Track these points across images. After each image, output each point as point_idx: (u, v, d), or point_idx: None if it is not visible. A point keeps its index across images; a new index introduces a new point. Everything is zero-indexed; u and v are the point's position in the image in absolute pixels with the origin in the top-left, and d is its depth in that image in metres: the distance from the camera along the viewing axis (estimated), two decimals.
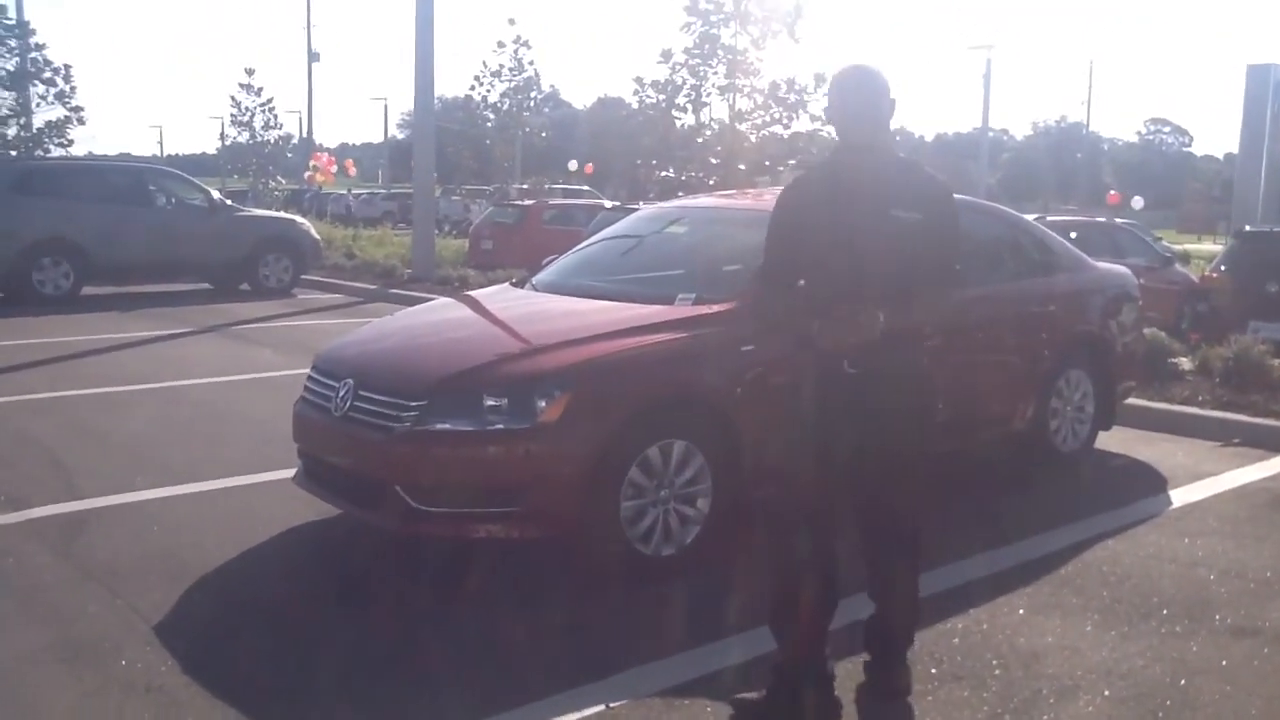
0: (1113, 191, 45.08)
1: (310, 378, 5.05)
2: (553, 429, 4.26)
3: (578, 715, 3.38)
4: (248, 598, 4.37)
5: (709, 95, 14.96)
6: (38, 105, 25.33)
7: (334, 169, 40.15)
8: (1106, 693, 3.58)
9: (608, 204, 21.97)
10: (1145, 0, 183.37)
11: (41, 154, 24.27)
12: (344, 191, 43.11)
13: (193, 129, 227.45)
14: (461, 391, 4.37)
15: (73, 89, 25.40)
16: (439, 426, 4.32)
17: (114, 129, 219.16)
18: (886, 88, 3.39)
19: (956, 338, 5.43)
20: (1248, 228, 12.78)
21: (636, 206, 11.28)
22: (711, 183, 14.18)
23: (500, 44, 26.38)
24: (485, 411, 4.30)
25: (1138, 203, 39.12)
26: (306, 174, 38.84)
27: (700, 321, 4.79)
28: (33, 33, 25.87)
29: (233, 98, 33.07)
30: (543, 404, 4.27)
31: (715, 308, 4.86)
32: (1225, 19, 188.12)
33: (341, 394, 4.65)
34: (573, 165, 46.55)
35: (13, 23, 25.73)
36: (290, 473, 5.22)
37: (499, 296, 5.85)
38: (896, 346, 3.32)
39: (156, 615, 4.08)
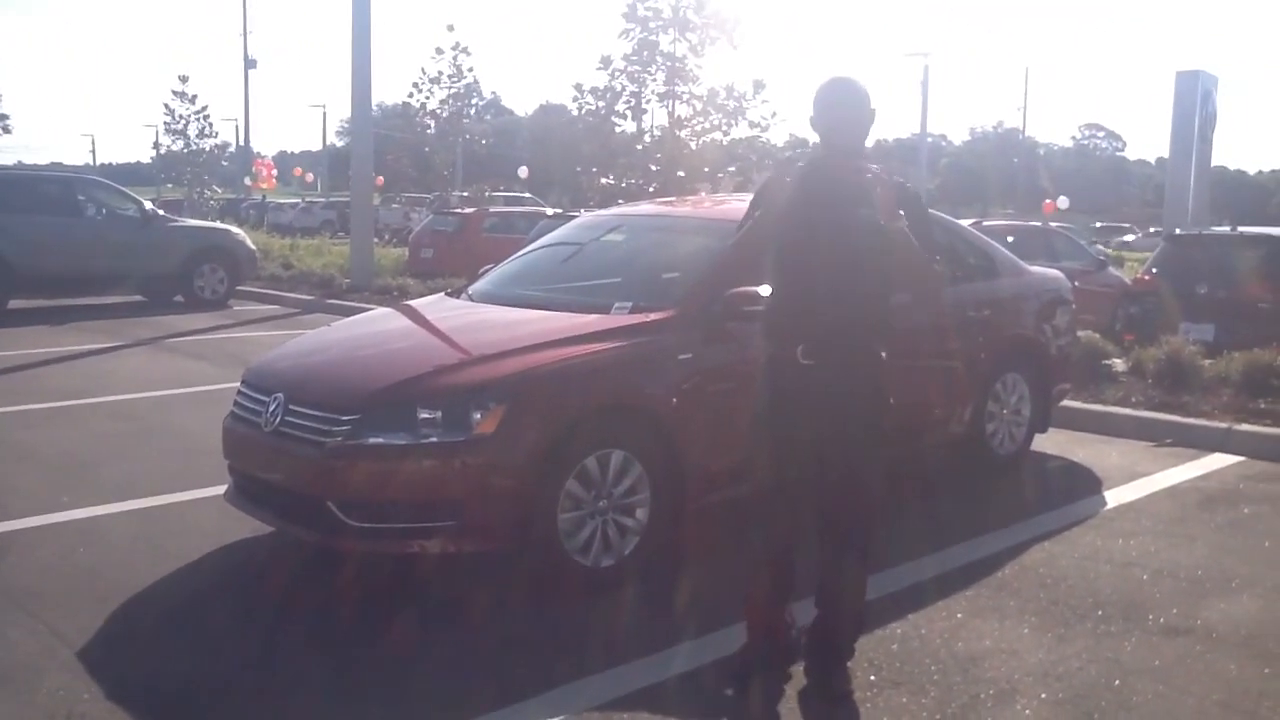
0: (1048, 201, 45.90)
1: (240, 392, 4.95)
2: (488, 441, 4.20)
3: None
4: (177, 619, 4.26)
5: (649, 102, 14.97)
6: None
7: (274, 174, 39.73)
8: (1043, 695, 3.60)
9: (549, 211, 21.91)
10: (1079, 8, 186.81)
11: None
12: (283, 200, 42.56)
13: (126, 137, 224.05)
14: (394, 405, 4.30)
15: None
16: (372, 441, 4.24)
17: (45, 138, 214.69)
18: (868, 98, 3.60)
19: (897, 342, 5.43)
20: (1178, 230, 13.02)
21: (577, 214, 11.25)
22: (652, 190, 14.17)
23: (439, 50, 26.19)
24: (419, 425, 4.24)
25: (1064, 202, 39.91)
26: (247, 180, 38.35)
27: (637, 330, 4.76)
28: None
29: (166, 105, 32.39)
30: (478, 416, 4.21)
31: (652, 316, 4.83)
32: (1155, 27, 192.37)
33: (272, 409, 4.55)
34: (524, 173, 46.36)
35: None
36: (224, 489, 5.11)
37: (434, 307, 5.77)
38: (851, 338, 3.54)
39: (80, 639, 3.96)
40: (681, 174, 14.22)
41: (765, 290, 4.66)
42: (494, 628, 4.14)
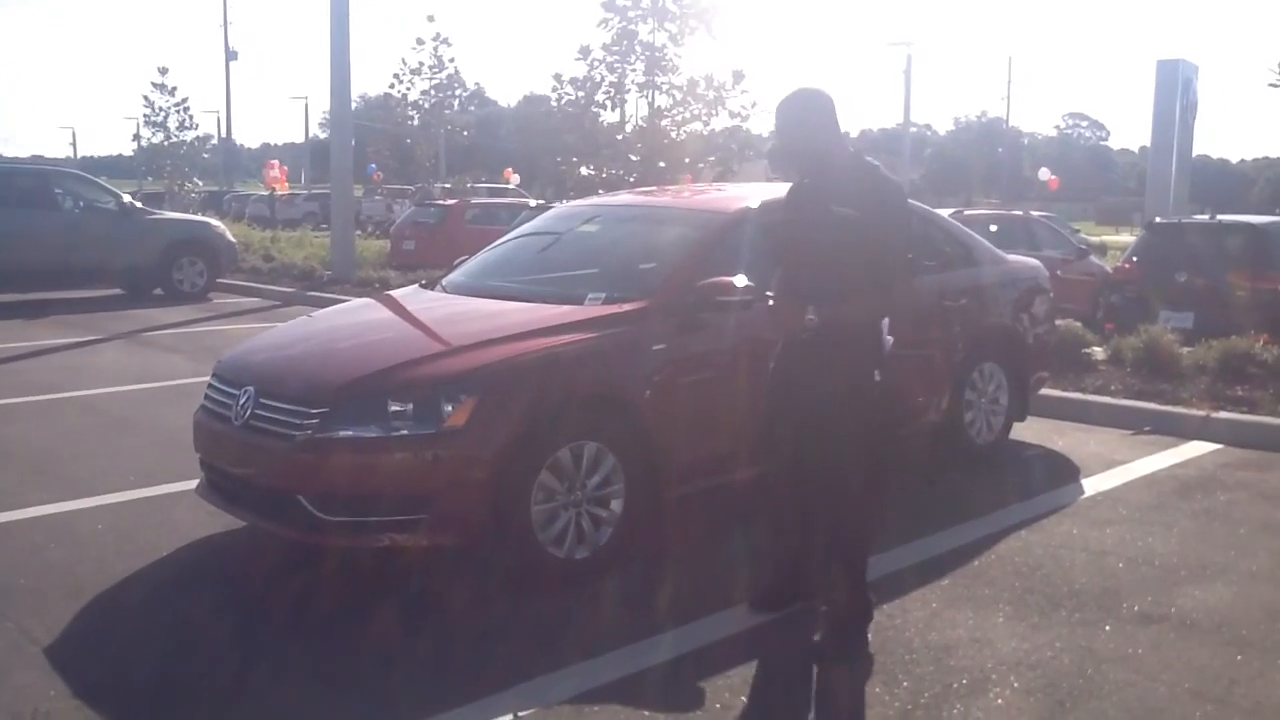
0: (1052, 177, 45.39)
1: (210, 385, 4.91)
2: (460, 434, 4.17)
3: None
4: (147, 615, 4.22)
5: (628, 92, 14.89)
6: None
7: (286, 175, 39.99)
8: (1016, 684, 3.60)
9: (532, 203, 21.85)
10: None
11: None
12: (264, 193, 42.36)
13: (108, 131, 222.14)
14: (365, 397, 4.26)
15: None
16: (342, 434, 4.21)
17: (25, 131, 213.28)
18: (826, 103, 3.84)
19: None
20: (1158, 219, 13.04)
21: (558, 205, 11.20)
22: (631, 180, 14.11)
23: (420, 41, 26.08)
24: (390, 417, 4.20)
25: (1043, 173, 39.86)
26: (270, 183, 38.76)
27: (610, 321, 4.72)
28: None
29: (146, 98, 32.05)
30: (449, 408, 4.18)
31: (626, 307, 4.80)
32: (1137, 16, 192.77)
33: (242, 402, 4.51)
34: (515, 179, 45.94)
35: None
36: (196, 483, 5.06)
37: (407, 299, 5.72)
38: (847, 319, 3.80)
39: (48, 637, 3.92)
40: (662, 164, 14.18)
41: (740, 281, 4.67)
42: (468, 620, 4.11)
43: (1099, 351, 8.89)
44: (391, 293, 6.37)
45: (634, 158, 14.59)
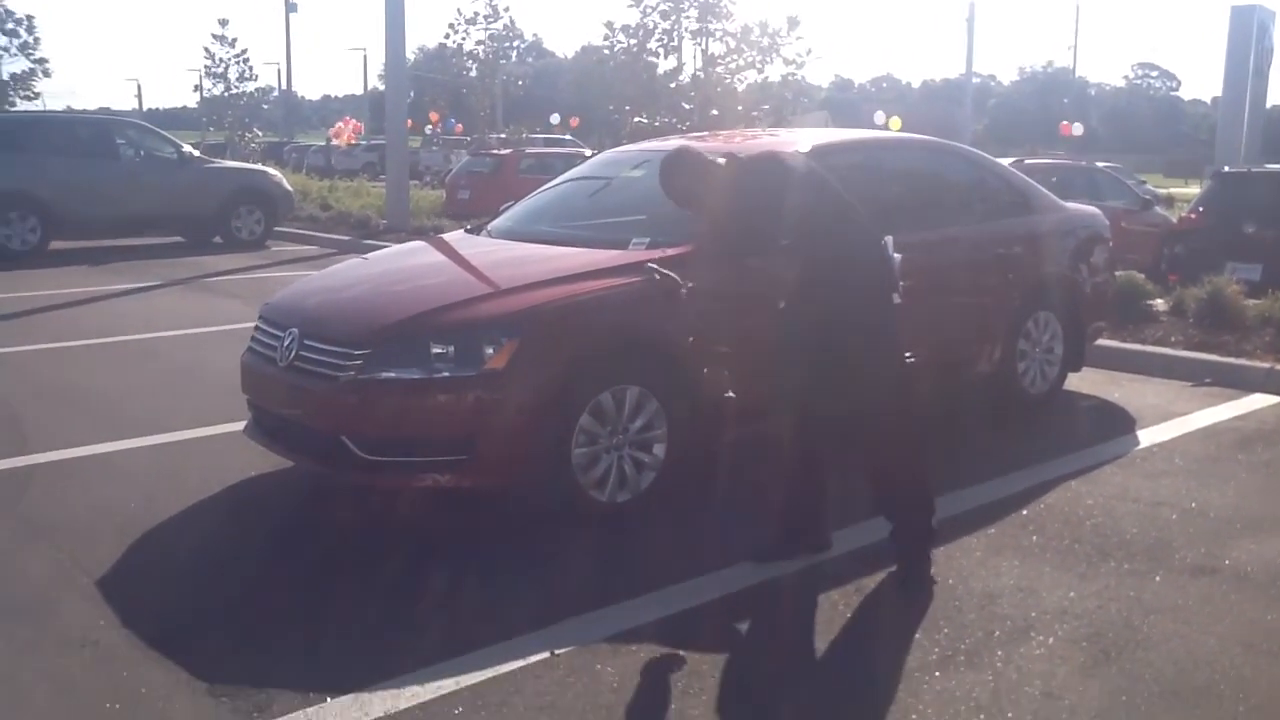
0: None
1: (257, 327, 4.95)
2: (500, 376, 4.16)
3: (522, 662, 3.31)
4: (194, 551, 4.29)
5: (681, 39, 14.67)
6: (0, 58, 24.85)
7: (357, 131, 40.40)
8: (1060, 633, 3.54)
9: (588, 153, 21.73)
10: None
11: (8, 107, 23.84)
12: (321, 143, 42.64)
13: (172, 83, 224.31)
14: (407, 339, 4.27)
15: (36, 40, 24.99)
16: (384, 375, 4.22)
17: (93, 84, 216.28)
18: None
19: (924, 279, 5.33)
20: (1226, 168, 12.66)
21: None
22: (684, 128, 13.94)
23: None
24: (432, 359, 4.21)
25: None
26: (332, 134, 39.12)
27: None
28: None
29: (206, 49, 32.37)
30: (490, 351, 4.17)
31: (670, 251, 4.74)
32: None
33: (286, 343, 4.54)
34: (555, 119, 45.97)
35: None
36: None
37: (452, 243, 5.72)
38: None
39: (99, 570, 4.00)
40: (715, 112, 13.98)
41: None
42: (508, 561, 4.13)
43: (1160, 303, 8.67)
44: (436, 238, 6.37)
45: (687, 106, 14.42)
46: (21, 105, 24.03)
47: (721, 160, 4.06)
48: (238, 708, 3.05)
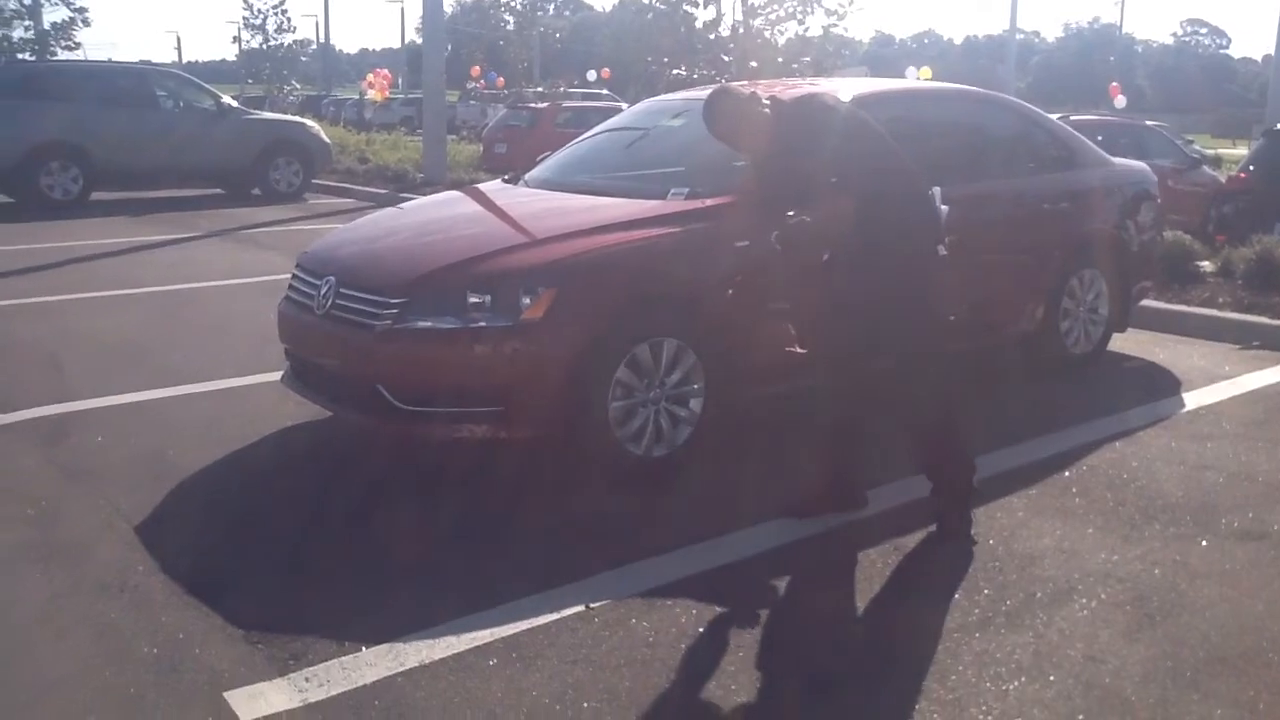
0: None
1: (294, 276, 4.93)
2: (536, 326, 4.12)
3: (556, 615, 3.30)
4: (231, 497, 4.31)
5: None
6: (42, 6, 24.90)
7: (389, 85, 40.09)
8: (1103, 595, 3.48)
9: (625, 107, 21.55)
10: None
11: (50, 56, 23.93)
12: (357, 96, 42.59)
13: (212, 35, 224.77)
14: (443, 288, 4.24)
15: None
16: (420, 324, 4.19)
17: (133, 36, 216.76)
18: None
19: (965, 234, 5.22)
20: (1277, 126, 12.35)
21: None
22: (724, 80, 13.73)
23: None
24: (468, 309, 4.17)
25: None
26: (364, 86, 38.84)
27: (693, 216, 4.61)
28: None
29: (245, 1, 32.45)
30: (526, 301, 4.13)
31: (709, 202, 4.67)
32: None
33: (323, 292, 4.52)
34: (591, 75, 45.59)
35: None
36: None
37: (489, 193, 5.66)
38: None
39: (138, 516, 4.02)
40: (754, 64, 13.77)
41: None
42: (543, 513, 4.12)
43: (1207, 264, 8.49)
44: (473, 188, 6.31)
45: (726, 58, 14.21)
46: (62, 55, 24.09)
47: (766, 101, 3.95)
48: (273, 655, 3.06)
